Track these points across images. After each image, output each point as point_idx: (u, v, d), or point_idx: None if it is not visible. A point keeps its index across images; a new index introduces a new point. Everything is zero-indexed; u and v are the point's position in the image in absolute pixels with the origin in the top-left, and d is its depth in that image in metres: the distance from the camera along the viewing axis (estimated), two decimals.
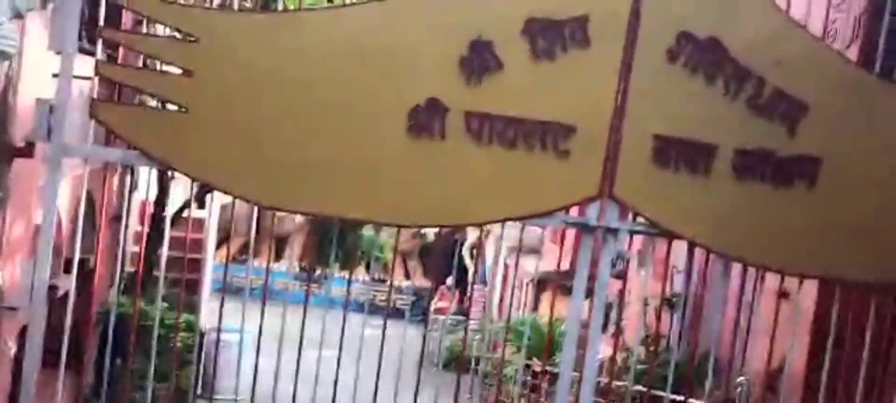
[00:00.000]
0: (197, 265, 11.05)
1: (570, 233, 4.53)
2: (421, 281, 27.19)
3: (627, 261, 4.67)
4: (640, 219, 4.64)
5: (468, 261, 25.33)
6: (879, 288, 4.84)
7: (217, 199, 10.46)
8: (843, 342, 5.21)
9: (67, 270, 5.12)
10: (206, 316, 11.46)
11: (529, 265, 16.76)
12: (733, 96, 4.45)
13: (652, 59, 4.40)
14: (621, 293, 6.83)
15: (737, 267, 5.01)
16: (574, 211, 4.68)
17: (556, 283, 14.49)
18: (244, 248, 20.87)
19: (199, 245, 11.33)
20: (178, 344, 7.49)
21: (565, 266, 14.81)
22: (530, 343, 13.32)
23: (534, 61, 4.36)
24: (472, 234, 22.70)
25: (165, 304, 6.77)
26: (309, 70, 4.29)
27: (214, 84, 4.27)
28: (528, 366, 13.35)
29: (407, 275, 27.44)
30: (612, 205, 4.51)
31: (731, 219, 4.56)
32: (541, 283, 17.37)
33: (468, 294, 25.05)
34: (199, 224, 10.73)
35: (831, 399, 5.16)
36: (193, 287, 10.45)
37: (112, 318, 5.00)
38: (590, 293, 4.67)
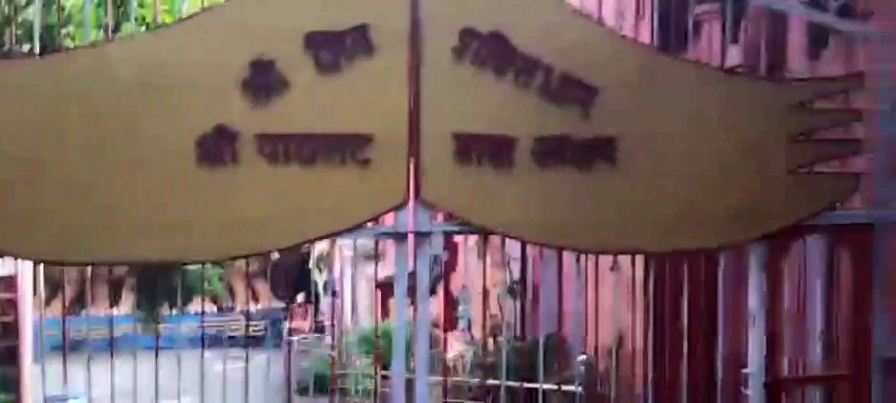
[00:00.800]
0: (13, 328, 10.31)
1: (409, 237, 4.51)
2: (272, 302, 26.68)
3: (443, 263, 4.63)
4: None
5: (317, 275, 25.03)
6: (690, 256, 4.98)
7: None
8: (674, 308, 5.34)
9: None
10: (40, 381, 10.73)
11: (373, 271, 16.60)
12: (524, 87, 4.47)
13: (439, 58, 4.37)
14: (447, 292, 6.81)
15: None
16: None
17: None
18: (79, 297, 19.73)
19: (12, 305, 10.55)
20: None
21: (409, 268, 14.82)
22: (382, 352, 13.21)
23: (320, 75, 4.26)
24: (317, 246, 22.42)
25: None
26: (87, 110, 4.06)
27: None
28: (384, 376, 13.23)
29: (255, 298, 26.85)
30: (422, 209, 4.45)
31: (540, 207, 4.57)
32: (386, 288, 17.28)
33: (320, 309, 24.79)
34: (10, 282, 10.05)
35: (664, 360, 5.28)
36: (11, 355, 9.73)
37: None
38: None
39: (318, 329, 23.95)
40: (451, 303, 13.57)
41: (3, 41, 8.58)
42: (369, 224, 4.45)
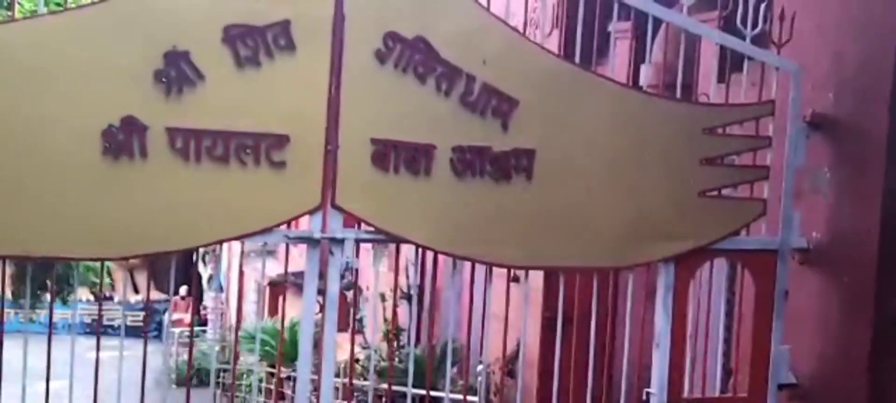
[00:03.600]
0: None
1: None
2: (153, 294, 25.86)
3: (356, 271, 4.54)
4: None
5: (202, 269, 24.48)
6: (599, 270, 4.99)
7: None
8: (571, 320, 5.33)
9: None
10: None
11: (261, 267, 16.32)
12: (445, 94, 4.40)
13: (361, 60, 4.26)
14: (355, 297, 6.69)
15: None
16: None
17: (291, 286, 14.15)
18: None
19: None
20: None
21: (300, 266, 14.54)
22: (271, 349, 13.00)
23: (238, 70, 4.09)
24: None
25: None
26: None
27: None
28: (271, 373, 13.01)
29: (136, 290, 26.07)
30: (336, 215, 4.33)
31: (456, 218, 4.51)
32: (276, 286, 16.97)
33: (203, 303, 24.23)
34: None
35: (566, 374, 5.27)
36: None
37: None
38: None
39: (202, 322, 23.38)
40: (345, 306, 13.38)
41: None
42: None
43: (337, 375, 9.30)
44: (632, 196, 4.73)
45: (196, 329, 22.04)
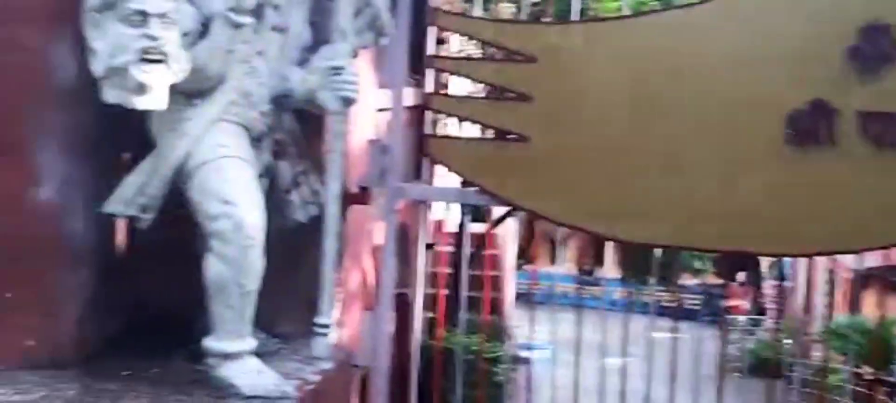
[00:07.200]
0: (499, 283, 10.69)
1: None
2: (712, 279, 25.60)
3: None
4: None
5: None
6: None
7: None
8: None
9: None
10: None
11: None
12: None
13: None
14: None
15: None
16: None
17: (881, 279, 13.00)
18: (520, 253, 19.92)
19: (498, 262, 10.89)
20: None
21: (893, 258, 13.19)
22: (857, 348, 12.01)
23: None
24: None
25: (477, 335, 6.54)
26: (666, 83, 3.70)
27: (556, 107, 3.77)
28: (856, 374, 12.02)
29: (696, 272, 25.81)
30: None
31: None
32: (861, 280, 15.66)
33: (762, 290, 23.42)
34: (497, 240, 10.52)
35: None
36: (498, 306, 10.07)
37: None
38: None
39: (760, 311, 22.62)
40: None
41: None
42: None
43: None
44: None
45: (754, 317, 21.45)
